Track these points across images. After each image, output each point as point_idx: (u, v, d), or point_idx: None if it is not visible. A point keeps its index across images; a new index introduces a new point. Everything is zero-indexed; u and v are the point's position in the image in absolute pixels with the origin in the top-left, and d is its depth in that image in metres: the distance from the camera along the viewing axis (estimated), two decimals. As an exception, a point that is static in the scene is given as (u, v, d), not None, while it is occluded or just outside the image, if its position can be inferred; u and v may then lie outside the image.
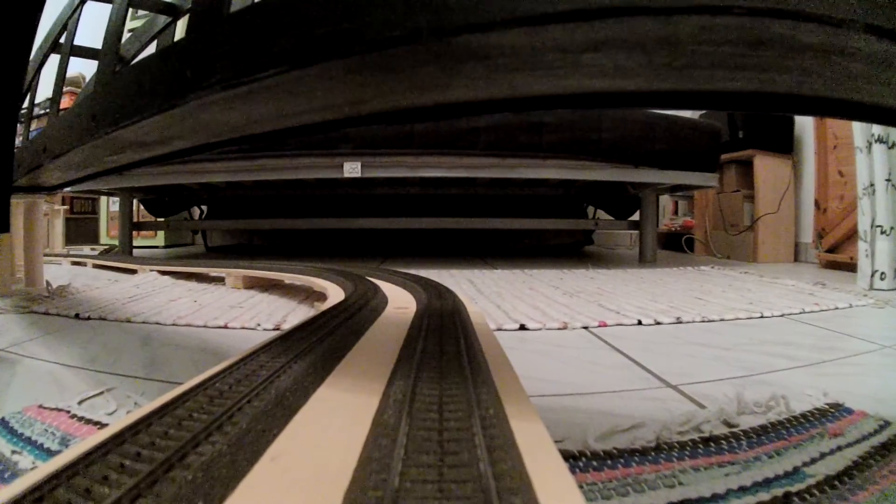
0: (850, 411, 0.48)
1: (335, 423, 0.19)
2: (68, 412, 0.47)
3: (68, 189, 2.32)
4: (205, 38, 0.33)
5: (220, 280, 1.30)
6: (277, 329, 0.76)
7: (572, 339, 0.73)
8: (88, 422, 0.45)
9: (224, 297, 1.06)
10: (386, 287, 0.74)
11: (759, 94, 0.36)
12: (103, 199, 3.27)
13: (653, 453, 0.33)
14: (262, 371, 0.25)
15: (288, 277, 1.09)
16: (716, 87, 0.33)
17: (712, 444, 0.37)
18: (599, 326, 0.80)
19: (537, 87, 0.30)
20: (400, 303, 0.58)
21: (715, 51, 0.28)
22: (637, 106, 0.34)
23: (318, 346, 0.32)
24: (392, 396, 0.21)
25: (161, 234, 3.14)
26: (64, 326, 0.80)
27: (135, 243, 2.49)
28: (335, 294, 0.68)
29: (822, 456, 0.40)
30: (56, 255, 2.29)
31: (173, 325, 0.79)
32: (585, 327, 0.80)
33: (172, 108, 0.38)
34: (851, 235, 1.83)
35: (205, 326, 0.78)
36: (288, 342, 0.33)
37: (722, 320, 0.86)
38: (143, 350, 0.66)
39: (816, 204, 2.08)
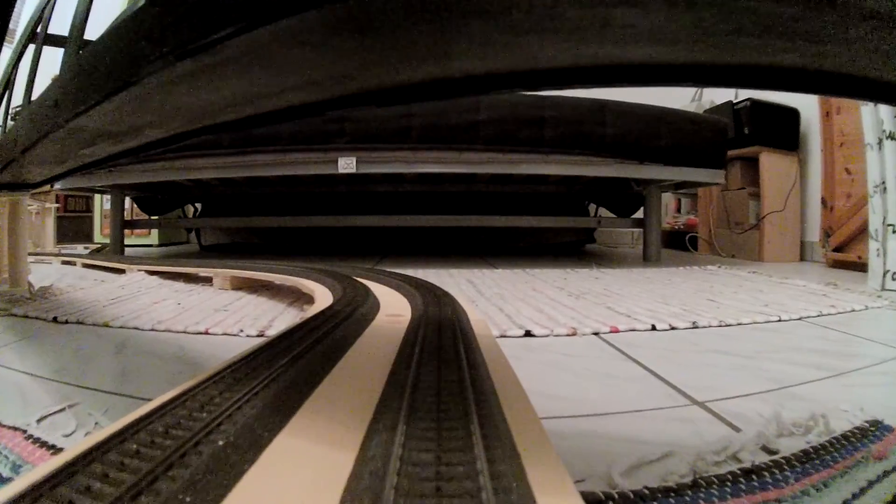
0: (889, 429, 0.44)
1: (288, 499, 0.14)
2: (24, 432, 0.45)
3: (59, 186, 2.26)
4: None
5: (208, 280, 1.24)
6: (261, 335, 0.70)
7: (583, 346, 0.68)
8: (43, 444, 0.43)
9: (210, 299, 1.00)
10: (379, 290, 0.69)
11: (809, 72, 0.31)
12: (97, 196, 3.22)
13: (689, 492, 0.28)
14: (204, 414, 0.19)
15: (277, 278, 1.03)
16: (763, 60, 0.28)
17: (754, 477, 0.32)
18: (611, 332, 0.75)
19: (554, 55, 0.25)
20: (393, 309, 0.52)
21: (770, 10, 0.23)
22: (671, 83, 0.29)
23: (288, 371, 0.26)
24: (369, 464, 0.15)
25: (155, 232, 3.09)
26: (40, 331, 0.76)
27: (128, 242, 2.44)
28: (323, 298, 0.63)
29: (871, 485, 0.36)
30: (47, 254, 2.23)
31: (152, 329, 0.74)
32: (596, 333, 0.74)
33: (128, 87, 0.33)
34: (859, 234, 1.78)
35: (185, 332, 0.73)
36: (253, 363, 0.27)
37: (739, 324, 0.81)
38: (115, 359, 0.60)
39: (823, 202, 2.04)
